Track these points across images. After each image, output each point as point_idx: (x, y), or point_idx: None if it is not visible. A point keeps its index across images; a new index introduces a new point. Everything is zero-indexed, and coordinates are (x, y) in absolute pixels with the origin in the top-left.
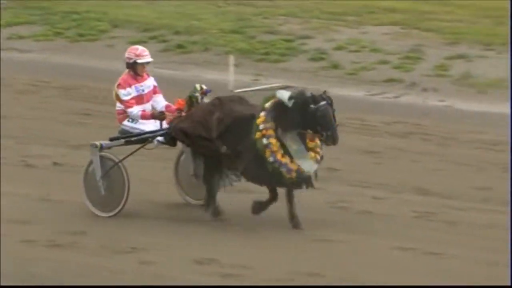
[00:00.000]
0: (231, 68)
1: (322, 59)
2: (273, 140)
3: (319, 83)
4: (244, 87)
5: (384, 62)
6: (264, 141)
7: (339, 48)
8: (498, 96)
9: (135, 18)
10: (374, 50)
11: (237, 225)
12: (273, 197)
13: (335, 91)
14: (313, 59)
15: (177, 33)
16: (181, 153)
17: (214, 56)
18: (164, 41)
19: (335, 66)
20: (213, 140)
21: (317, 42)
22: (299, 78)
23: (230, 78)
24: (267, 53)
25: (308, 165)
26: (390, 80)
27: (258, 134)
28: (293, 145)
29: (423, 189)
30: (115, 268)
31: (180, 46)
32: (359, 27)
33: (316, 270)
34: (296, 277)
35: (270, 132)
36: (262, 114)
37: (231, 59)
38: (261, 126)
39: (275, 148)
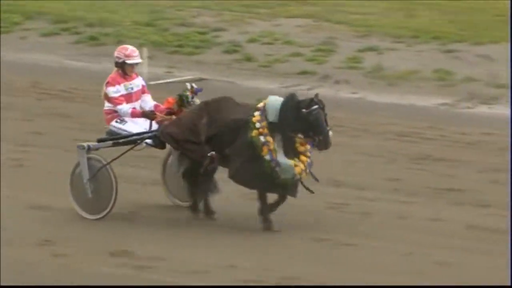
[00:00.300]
0: (145, 61)
1: (235, 51)
2: (270, 139)
3: (233, 75)
4: (158, 80)
5: (297, 55)
6: (262, 139)
7: (252, 40)
8: (408, 88)
9: (48, 10)
10: (287, 43)
11: (153, 217)
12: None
13: (249, 83)
14: (227, 52)
15: (90, 25)
16: (169, 154)
17: None
18: (76, 33)
19: (249, 59)
20: (202, 144)
21: (230, 34)
22: (213, 70)
23: (144, 70)
24: (180, 46)
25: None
26: (304, 73)
27: (255, 132)
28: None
29: (336, 180)
30: (27, 261)
31: (93, 38)
32: (272, 19)
33: (231, 262)
34: (211, 269)
35: (267, 130)
36: (257, 113)
37: (145, 51)
38: (257, 125)
39: (272, 146)
